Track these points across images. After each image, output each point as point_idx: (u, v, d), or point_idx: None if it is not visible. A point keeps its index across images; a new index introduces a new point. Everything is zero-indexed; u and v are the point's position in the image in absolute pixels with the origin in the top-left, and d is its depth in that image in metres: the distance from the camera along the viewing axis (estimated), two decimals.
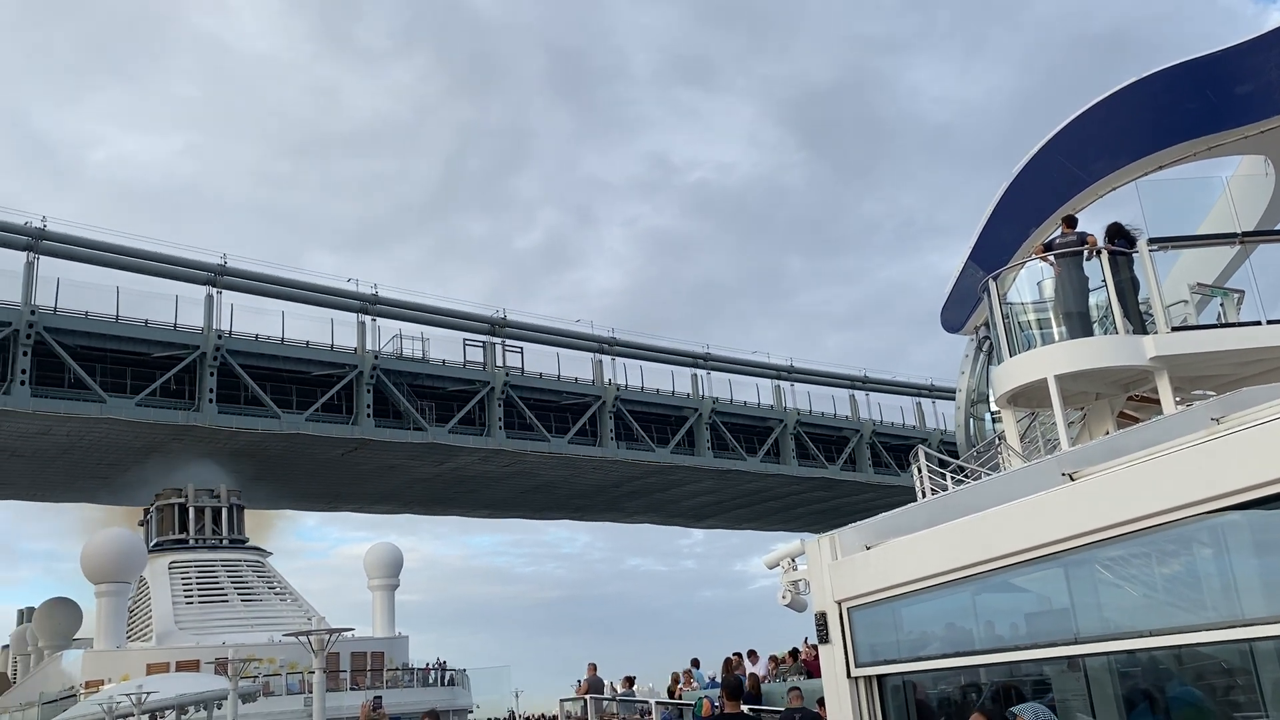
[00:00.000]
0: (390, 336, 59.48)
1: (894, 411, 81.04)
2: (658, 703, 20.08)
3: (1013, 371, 11.73)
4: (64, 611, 63.45)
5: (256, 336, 55.58)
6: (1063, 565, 4.98)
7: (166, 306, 53.07)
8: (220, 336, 53.19)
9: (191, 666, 45.03)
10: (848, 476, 76.31)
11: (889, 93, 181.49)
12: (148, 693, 30.49)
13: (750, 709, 14.30)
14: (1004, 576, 5.38)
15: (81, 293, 50.55)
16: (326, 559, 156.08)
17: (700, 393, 71.25)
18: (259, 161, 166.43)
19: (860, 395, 79.68)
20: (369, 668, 52.47)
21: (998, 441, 13.36)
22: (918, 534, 5.78)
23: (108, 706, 31.34)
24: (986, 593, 5.66)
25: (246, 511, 63.54)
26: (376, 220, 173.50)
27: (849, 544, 6.19)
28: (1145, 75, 14.17)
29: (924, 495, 11.90)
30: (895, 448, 78.01)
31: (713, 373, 72.66)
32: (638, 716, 20.62)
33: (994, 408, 14.31)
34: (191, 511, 60.89)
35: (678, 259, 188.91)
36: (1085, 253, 11.73)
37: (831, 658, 6.17)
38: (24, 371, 47.65)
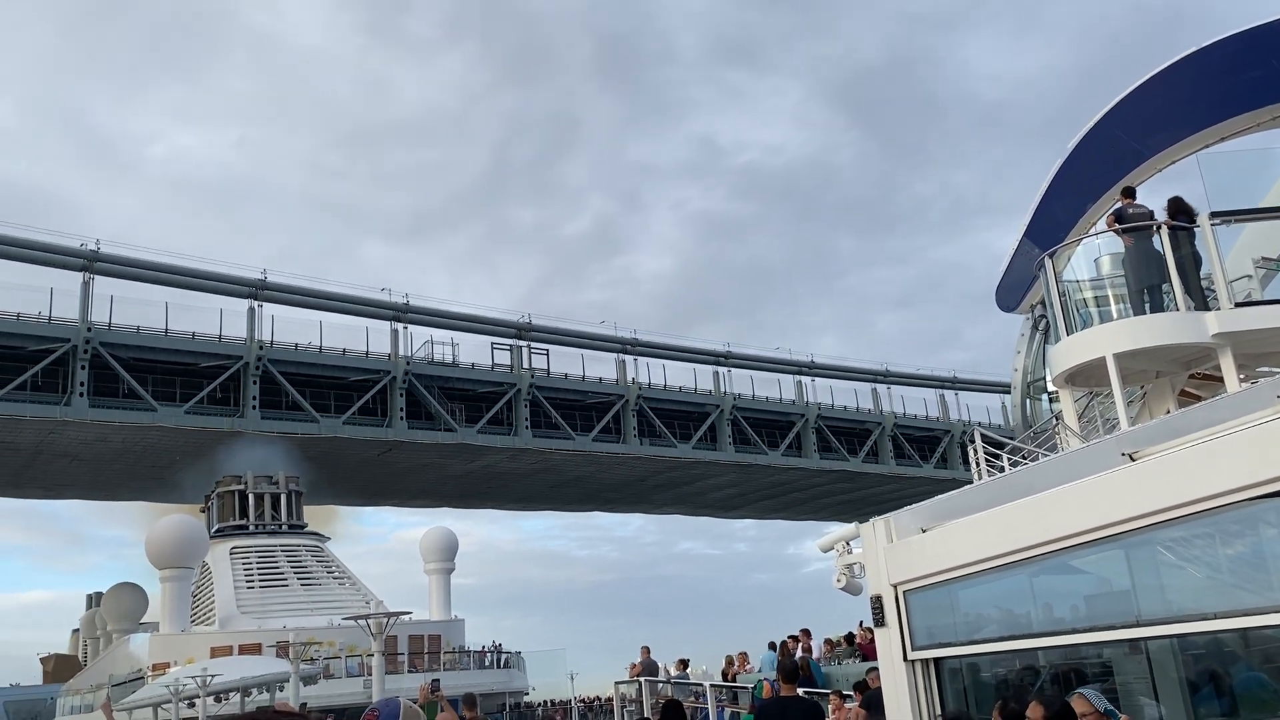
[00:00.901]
0: (422, 342, 62.28)
1: (917, 404, 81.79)
2: (712, 686, 20.11)
3: (1070, 350, 11.53)
4: (130, 596, 64.98)
5: (296, 346, 58.36)
6: (1124, 547, 4.90)
7: (212, 319, 56.24)
8: (262, 347, 56.21)
9: (254, 650, 45.94)
10: (870, 469, 77.44)
11: (940, 70, 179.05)
12: (212, 675, 31.18)
13: (805, 691, 14.28)
14: (1063, 558, 5.31)
15: (134, 308, 54.05)
16: (385, 543, 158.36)
17: (722, 389, 72.60)
18: (311, 153, 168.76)
19: (882, 389, 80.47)
20: (426, 650, 53.17)
21: (1055, 422, 13.17)
22: (975, 516, 5.72)
23: (174, 688, 32.07)
24: (1045, 575, 5.60)
25: (307, 506, 64.86)
26: (427, 209, 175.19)
27: (904, 527, 6.15)
28: (1206, 44, 13.80)
29: (980, 477, 11.75)
30: (919, 440, 79.62)
31: (734, 370, 74.20)
32: (692, 699, 20.67)
33: (1051, 388, 14.08)
34: (251, 498, 62.08)
35: (727, 242, 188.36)
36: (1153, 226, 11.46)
37: (888, 641, 6.14)
38: (82, 384, 51.10)
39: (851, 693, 13.22)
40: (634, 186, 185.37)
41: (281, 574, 58.65)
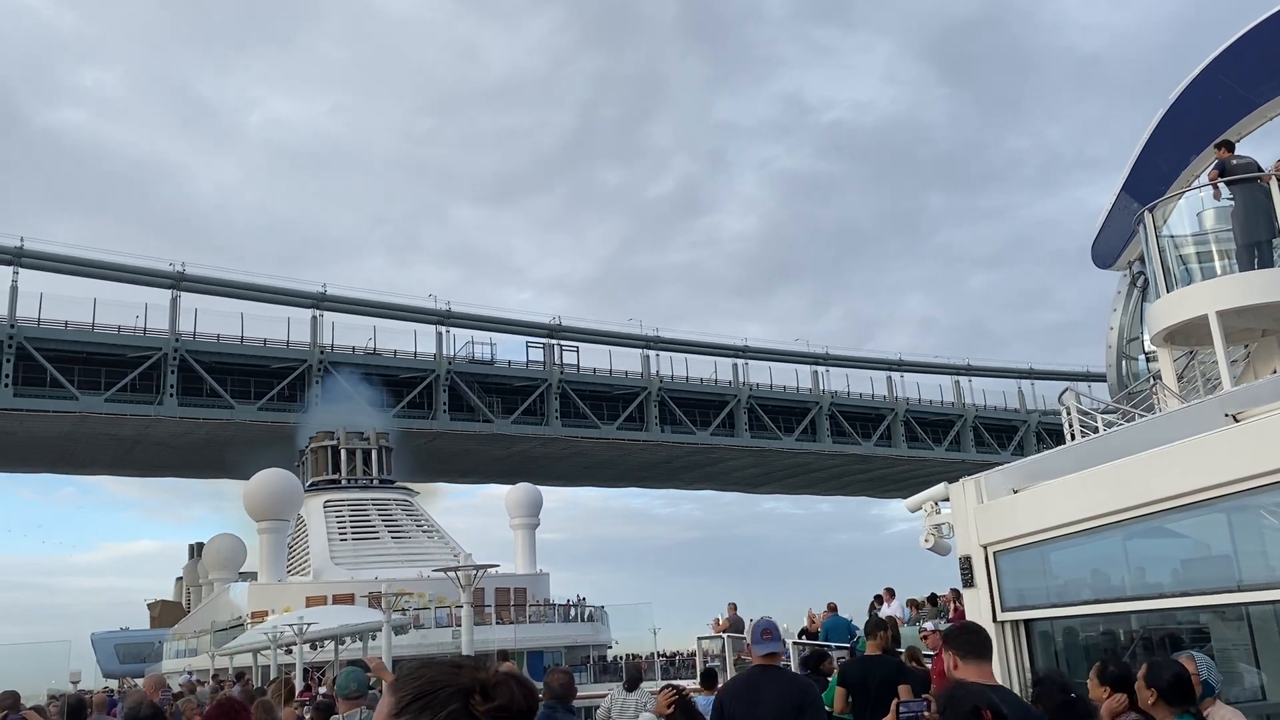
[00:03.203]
0: (464, 343, 70.34)
1: (932, 390, 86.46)
2: (795, 643, 20.16)
3: (1170, 308, 11.17)
4: (230, 547, 67.27)
5: (354, 349, 66.83)
6: (1224, 510, 4.78)
7: (280, 327, 64.63)
8: (323, 351, 64.53)
9: (347, 600, 47.25)
10: (881, 451, 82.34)
11: (1033, 23, 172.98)
12: (309, 624, 32.19)
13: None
14: (1159, 521, 5.19)
15: (215, 319, 62.60)
16: (471, 499, 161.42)
17: (740, 380, 78.04)
18: (403, 119, 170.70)
19: (896, 376, 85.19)
20: (512, 603, 54.19)
21: (1152, 382, 12.79)
22: (1069, 477, 5.62)
23: (273, 635, 33.19)
24: (1140, 537, 5.48)
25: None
26: (514, 173, 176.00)
27: (995, 487, 6.07)
28: None
29: (1072, 438, 11.50)
30: (932, 423, 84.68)
31: (752, 361, 79.95)
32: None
33: (1149, 347, 13.66)
34: (343, 453, 63.85)
35: (812, 201, 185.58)
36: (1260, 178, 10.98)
37: (977, 602, 6.09)
38: (171, 387, 59.98)
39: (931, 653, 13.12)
40: (719, 146, 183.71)
41: (373, 527, 60.22)
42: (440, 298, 68.74)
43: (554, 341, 72.45)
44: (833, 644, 19.30)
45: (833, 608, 22.23)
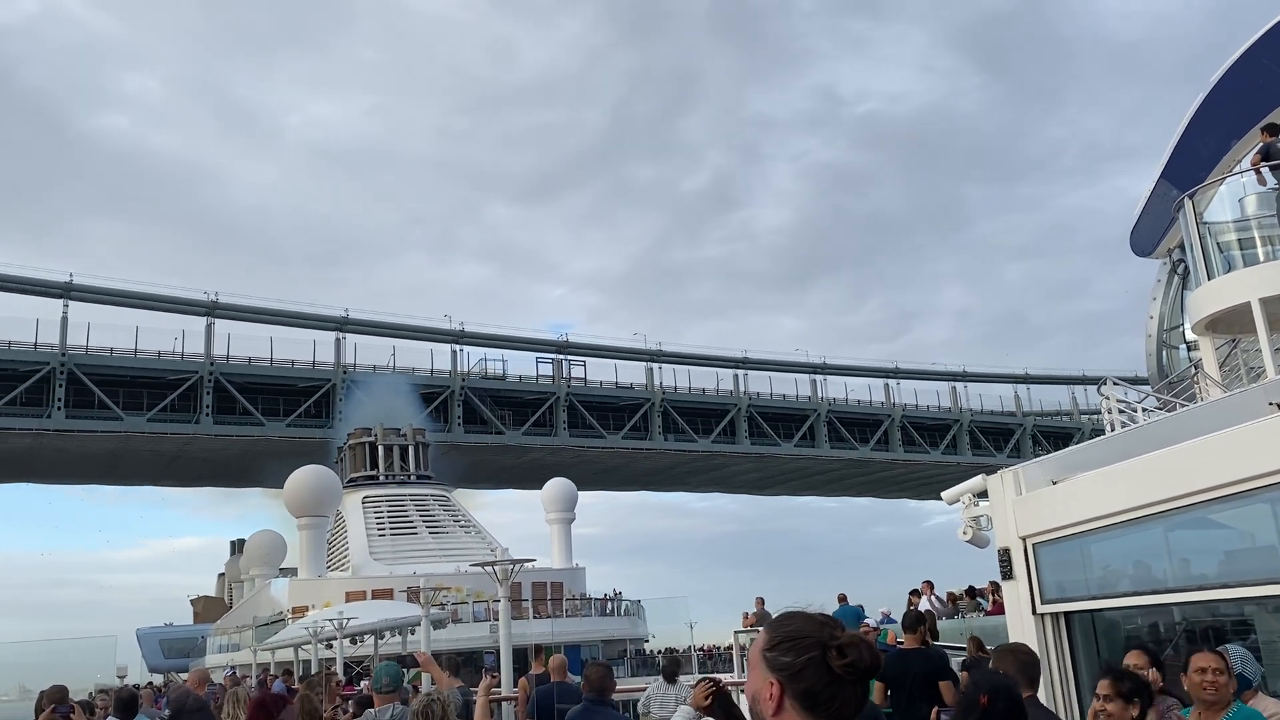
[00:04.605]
0: (478, 359, 75.82)
1: (930, 396, 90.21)
2: None
3: (1212, 295, 10.99)
4: (270, 543, 67.95)
5: (374, 368, 71.97)
6: (1269, 500, 4.71)
7: (306, 349, 70.10)
8: (346, 371, 70.14)
9: (386, 594, 47.52)
10: (878, 456, 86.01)
11: (1068, 9, 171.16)
12: (348, 618, 32.44)
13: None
14: (1202, 512, 5.13)
15: (246, 342, 68.34)
16: (506, 495, 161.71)
17: (740, 389, 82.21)
18: (439, 119, 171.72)
19: (893, 383, 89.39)
20: (549, 597, 54.36)
21: (1194, 371, 12.62)
22: (1109, 468, 5.56)
23: (313, 630, 33.50)
24: (1182, 528, 5.42)
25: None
26: (549, 170, 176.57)
27: (1034, 479, 6.02)
28: None
29: (1112, 429, 11.36)
30: (930, 427, 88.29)
31: (751, 372, 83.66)
32: None
33: (1190, 335, 13.47)
34: (381, 450, 64.37)
35: (847, 193, 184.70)
36: None
37: (1016, 594, 6.05)
38: (207, 406, 65.45)
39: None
40: (753, 140, 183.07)
41: (411, 522, 60.64)
42: (455, 318, 74.23)
43: (562, 357, 77.55)
44: None
45: (842, 598, 22.16)
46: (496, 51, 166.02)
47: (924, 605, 19.87)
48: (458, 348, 74.09)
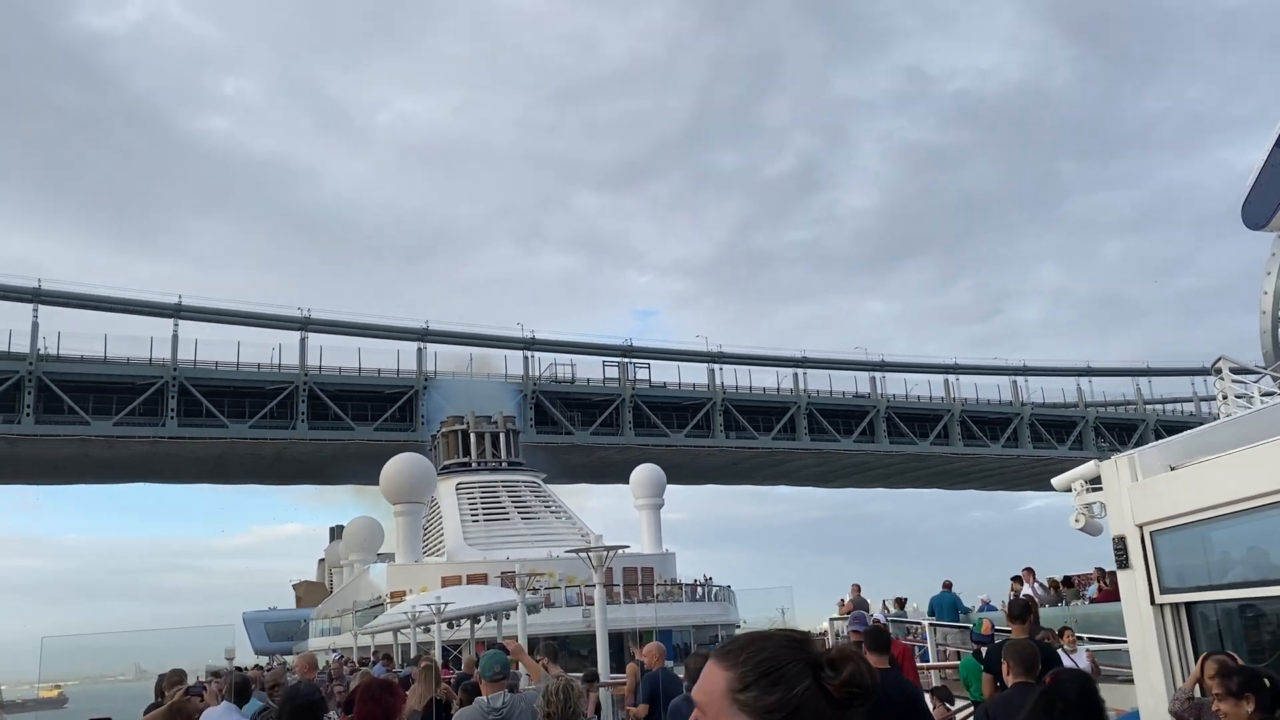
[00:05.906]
0: (548, 364, 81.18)
1: (990, 390, 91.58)
2: (931, 624, 19.83)
3: None
4: (368, 529, 69.61)
5: (453, 374, 76.39)
6: None
7: (391, 358, 76.06)
8: (427, 379, 75.31)
9: (480, 580, 48.27)
10: (936, 450, 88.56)
11: None
12: (445, 603, 33.06)
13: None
14: None
15: (338, 353, 75.14)
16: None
17: (800, 388, 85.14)
18: (524, 111, 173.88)
19: (953, 379, 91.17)
20: (640, 582, 54.59)
21: None
22: (1233, 453, 5.35)
23: (412, 615, 34.23)
24: None
25: None
26: (634, 158, 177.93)
27: (1151, 465, 5.82)
28: None
29: (1227, 411, 10.94)
30: (992, 421, 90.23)
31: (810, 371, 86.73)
32: (909, 637, 20.44)
33: None
34: (473, 437, 65.44)
35: (936, 173, 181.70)
36: None
37: (1132, 584, 5.86)
38: (302, 414, 72.02)
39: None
40: (838, 121, 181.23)
41: (503, 508, 61.48)
42: (534, 315, 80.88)
43: (627, 360, 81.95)
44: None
45: (947, 585, 21.69)
46: (580, 42, 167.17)
47: (1026, 592, 19.47)
48: (529, 354, 79.56)
